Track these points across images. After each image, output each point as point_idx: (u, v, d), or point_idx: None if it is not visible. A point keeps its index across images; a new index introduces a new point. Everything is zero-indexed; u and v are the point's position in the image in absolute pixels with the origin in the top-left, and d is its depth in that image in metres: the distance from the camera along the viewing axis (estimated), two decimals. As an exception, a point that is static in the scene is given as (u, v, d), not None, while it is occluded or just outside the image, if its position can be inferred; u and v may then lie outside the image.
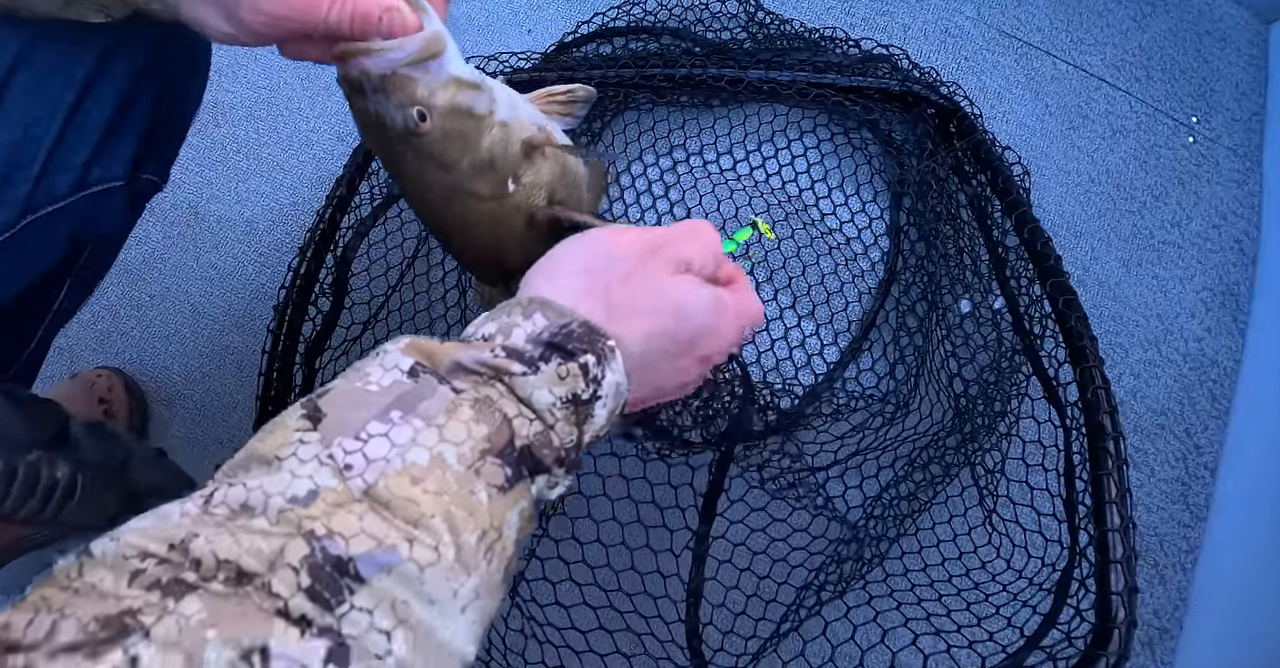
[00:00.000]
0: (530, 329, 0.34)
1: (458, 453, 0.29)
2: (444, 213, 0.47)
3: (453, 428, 0.30)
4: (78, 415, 0.83)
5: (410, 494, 0.28)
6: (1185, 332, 0.90)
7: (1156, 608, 0.82)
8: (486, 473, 0.30)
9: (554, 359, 0.34)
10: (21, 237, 0.44)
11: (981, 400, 0.79)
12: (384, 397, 0.30)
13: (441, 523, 0.28)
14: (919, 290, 0.87)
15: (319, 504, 0.26)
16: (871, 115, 0.90)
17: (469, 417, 0.30)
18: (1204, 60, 0.98)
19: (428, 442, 0.29)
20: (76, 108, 0.45)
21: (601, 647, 0.75)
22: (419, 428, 0.29)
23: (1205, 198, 0.94)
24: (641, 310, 0.38)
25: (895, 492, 0.81)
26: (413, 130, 0.41)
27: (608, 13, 0.97)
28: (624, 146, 0.95)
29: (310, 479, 0.27)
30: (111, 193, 0.49)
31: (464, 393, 0.31)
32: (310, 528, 0.26)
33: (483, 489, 0.29)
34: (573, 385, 0.34)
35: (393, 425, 0.29)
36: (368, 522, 0.26)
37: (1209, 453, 0.86)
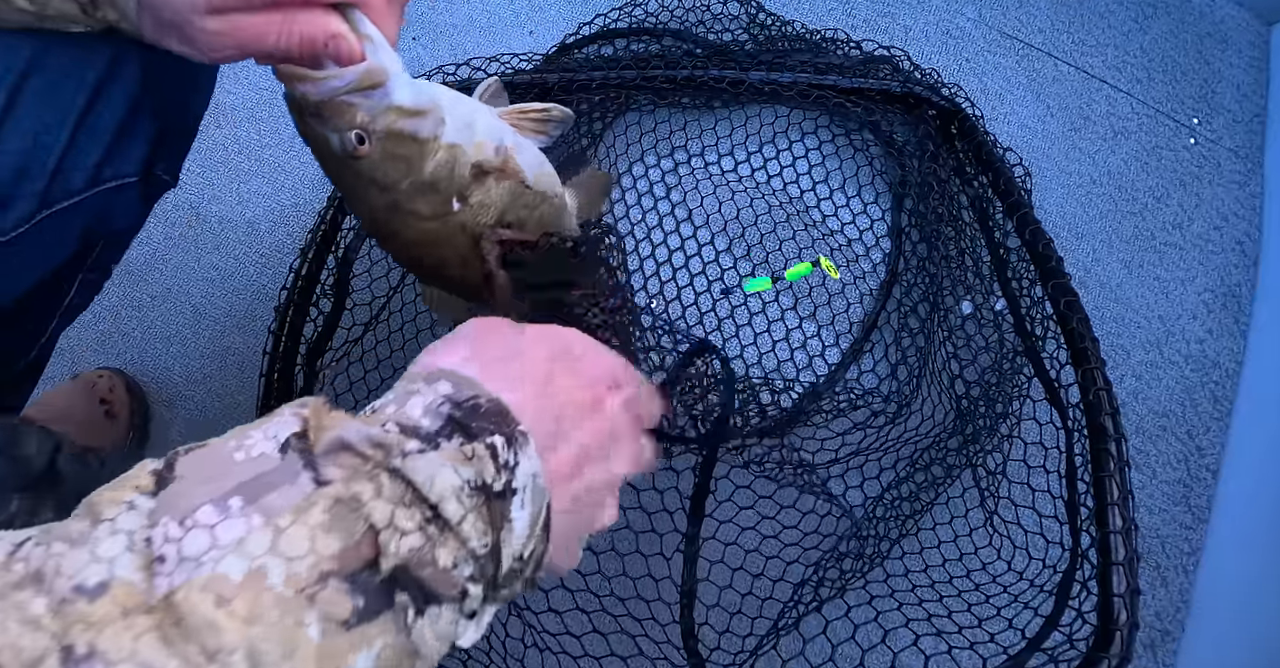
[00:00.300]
0: (430, 398, 0.29)
1: (288, 571, 0.23)
2: (384, 229, 0.48)
3: (292, 536, 0.23)
4: (77, 422, 0.83)
5: (211, 617, 0.21)
6: (1187, 333, 0.90)
7: (1158, 610, 0.81)
8: (325, 601, 0.23)
9: (455, 437, 0.28)
10: (36, 232, 0.44)
11: (983, 402, 0.79)
12: (239, 474, 0.25)
13: (242, 661, 0.21)
14: (920, 292, 0.87)
15: (104, 603, 0.21)
16: (873, 117, 0.90)
17: (319, 523, 0.24)
18: (1205, 62, 0.98)
19: (254, 550, 0.23)
20: (88, 111, 0.45)
21: (597, 650, 0.75)
22: (253, 527, 0.23)
23: (1207, 199, 0.94)
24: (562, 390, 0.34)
25: (897, 493, 0.81)
26: (351, 153, 0.42)
27: (609, 14, 0.97)
28: (625, 148, 0.95)
29: (108, 566, 0.22)
30: (126, 188, 0.49)
31: (328, 486, 0.25)
32: (72, 641, 0.20)
33: (315, 623, 0.23)
34: (480, 470, 0.28)
35: (226, 516, 0.23)
36: (144, 645, 0.21)
37: (1211, 455, 0.86)
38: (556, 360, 0.35)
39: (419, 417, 0.28)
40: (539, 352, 0.35)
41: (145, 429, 0.90)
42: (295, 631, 0.22)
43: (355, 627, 0.24)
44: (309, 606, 0.23)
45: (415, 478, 0.26)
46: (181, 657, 0.21)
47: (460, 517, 0.26)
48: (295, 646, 0.22)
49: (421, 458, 0.27)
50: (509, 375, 0.33)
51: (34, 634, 0.20)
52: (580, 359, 0.36)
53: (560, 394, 0.34)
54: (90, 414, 0.86)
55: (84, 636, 0.21)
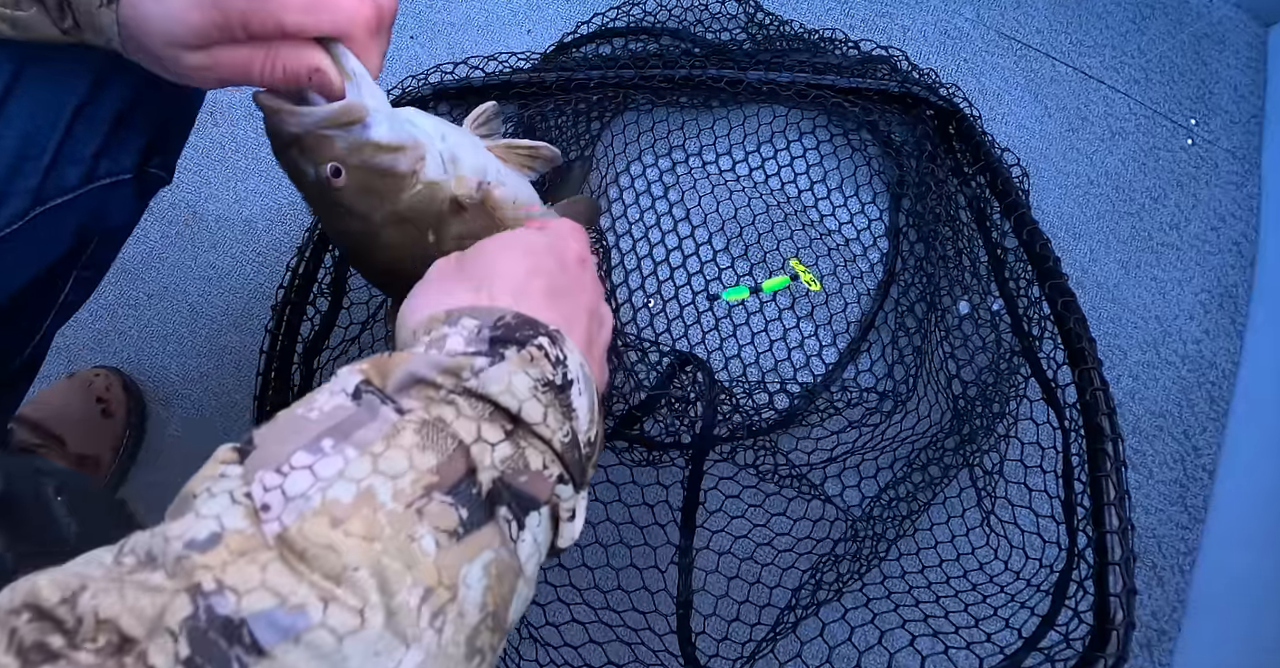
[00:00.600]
0: (465, 332, 0.30)
1: (394, 488, 0.24)
2: (359, 256, 0.49)
3: (390, 457, 0.24)
4: (73, 421, 0.83)
5: (329, 539, 0.22)
6: (1184, 334, 0.90)
7: (1154, 610, 0.82)
8: (433, 515, 0.24)
9: (511, 347, 0.29)
10: (30, 228, 0.44)
11: (980, 402, 0.79)
12: (321, 423, 0.25)
13: (369, 578, 0.22)
14: (918, 292, 0.87)
15: (219, 551, 0.21)
16: (871, 116, 0.90)
17: (412, 443, 0.25)
18: (1203, 62, 0.99)
19: (357, 474, 0.24)
20: (87, 101, 0.45)
21: (594, 660, 0.75)
22: (350, 458, 0.24)
23: (1204, 200, 0.94)
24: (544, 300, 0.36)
25: (894, 493, 0.81)
26: (325, 184, 0.43)
27: (607, 13, 0.97)
28: (623, 147, 0.95)
29: (216, 520, 0.22)
30: (120, 185, 0.49)
31: (410, 413, 0.26)
32: (198, 581, 0.20)
33: (428, 534, 0.23)
34: (542, 369, 0.29)
35: (321, 456, 0.24)
36: (272, 573, 0.21)
37: (1207, 455, 0.86)
38: (527, 260, 0.38)
39: (464, 347, 0.29)
40: (510, 262, 0.37)
41: (142, 428, 0.90)
42: (410, 545, 0.23)
43: (464, 538, 0.24)
44: (419, 519, 0.23)
45: (492, 390, 0.27)
46: (309, 582, 0.21)
47: (541, 415, 0.28)
48: (414, 558, 0.23)
49: (492, 370, 0.28)
50: (507, 290, 0.35)
51: (153, 595, 0.20)
52: (541, 250, 0.39)
53: (548, 284, 0.36)
54: (86, 413, 0.85)
55: (208, 575, 0.21)
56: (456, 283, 0.36)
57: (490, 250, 0.39)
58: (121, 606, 0.20)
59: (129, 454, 0.88)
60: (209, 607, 0.20)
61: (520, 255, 0.38)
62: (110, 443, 0.86)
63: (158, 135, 0.50)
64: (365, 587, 0.22)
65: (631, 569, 0.77)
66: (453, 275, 0.38)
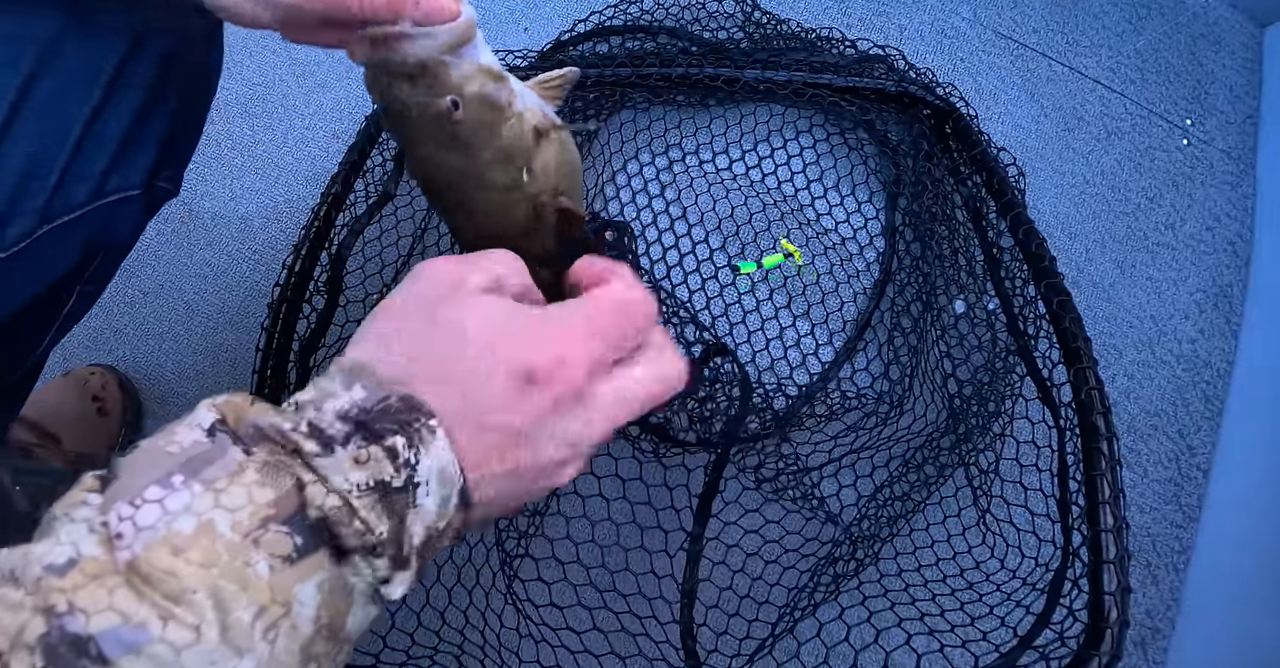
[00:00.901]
0: (344, 403, 0.31)
1: (232, 520, 0.26)
2: (461, 200, 0.46)
3: (232, 493, 0.27)
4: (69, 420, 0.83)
5: (170, 566, 0.24)
6: (1179, 333, 0.90)
7: (1149, 608, 0.82)
8: (268, 542, 0.26)
9: (353, 441, 0.29)
10: (36, 246, 0.43)
11: (976, 401, 0.79)
12: (176, 459, 0.27)
13: (205, 599, 0.24)
14: (914, 291, 0.87)
15: (73, 575, 0.24)
16: (867, 116, 0.90)
17: (252, 480, 0.27)
18: (1198, 63, 0.99)
19: (200, 508, 0.26)
20: (95, 118, 0.44)
21: (597, 648, 0.75)
22: (196, 493, 0.26)
23: (1199, 200, 0.94)
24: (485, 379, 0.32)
25: (890, 492, 0.81)
26: (447, 119, 0.40)
27: (604, 11, 0.97)
28: (620, 146, 0.95)
29: (73, 546, 0.25)
30: (128, 201, 0.48)
31: (255, 455, 0.28)
32: (52, 603, 0.23)
33: (262, 560, 0.26)
34: (375, 471, 0.29)
35: (170, 491, 0.26)
36: (119, 597, 0.24)
37: (1202, 454, 0.87)
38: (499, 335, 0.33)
39: (330, 421, 0.30)
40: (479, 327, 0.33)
41: (138, 426, 0.90)
42: (245, 569, 0.25)
43: (298, 561, 0.27)
44: (255, 547, 0.26)
45: (319, 474, 0.29)
46: (151, 603, 0.24)
47: (360, 509, 0.29)
48: (248, 581, 0.25)
49: (319, 461, 0.29)
50: (436, 370, 0.32)
51: (14, 613, 0.23)
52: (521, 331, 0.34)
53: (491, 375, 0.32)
54: (82, 412, 0.85)
55: (61, 598, 0.23)
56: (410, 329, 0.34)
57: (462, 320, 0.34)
58: None
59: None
60: (61, 626, 0.23)
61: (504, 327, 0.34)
62: (106, 441, 0.86)
63: (166, 149, 0.50)
64: (202, 606, 0.24)
65: (641, 551, 0.78)
66: (417, 315, 0.34)
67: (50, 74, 0.42)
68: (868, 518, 0.80)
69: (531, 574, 0.79)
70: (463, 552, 0.80)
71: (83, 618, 0.23)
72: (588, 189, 0.93)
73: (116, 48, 0.44)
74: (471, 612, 0.75)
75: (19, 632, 0.22)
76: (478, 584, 0.77)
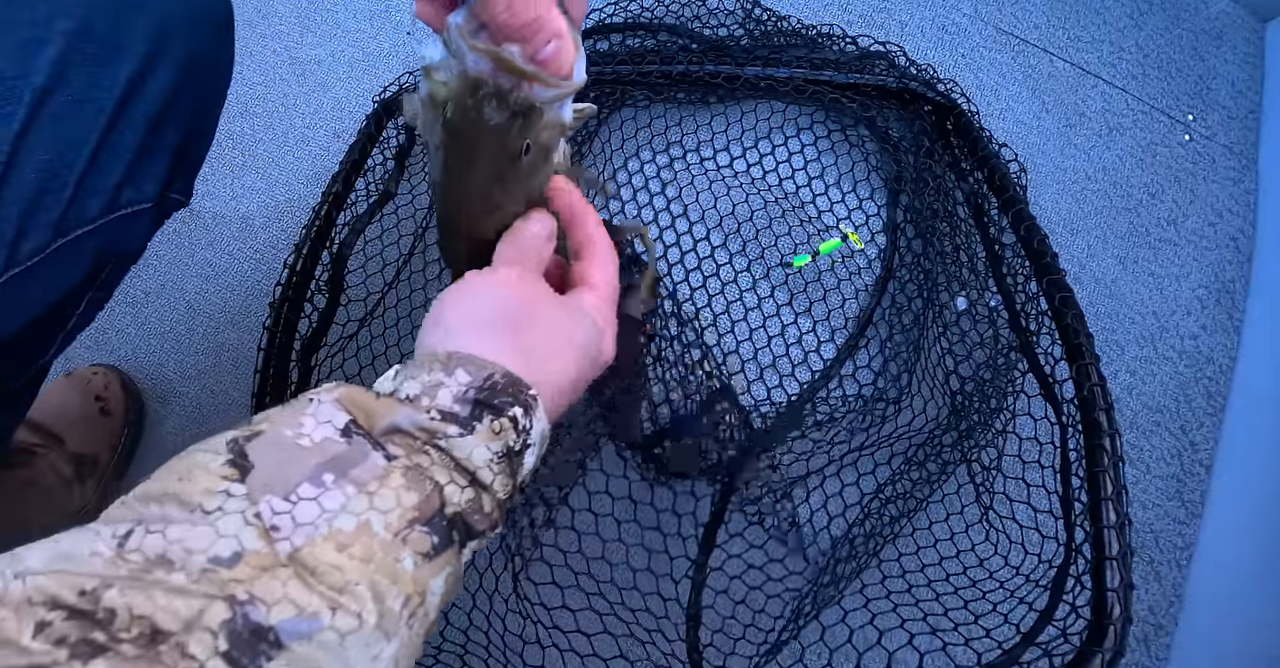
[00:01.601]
0: (456, 388, 0.35)
1: (385, 521, 0.30)
2: (472, 222, 0.47)
3: (383, 496, 0.30)
4: (72, 420, 0.83)
5: (336, 561, 0.28)
6: (1181, 329, 0.90)
7: (1152, 604, 0.82)
8: (413, 542, 0.30)
9: (485, 417, 0.35)
10: (51, 259, 0.43)
11: (978, 397, 0.79)
12: (316, 455, 0.30)
13: (366, 590, 0.28)
14: (915, 287, 0.87)
15: (243, 567, 0.26)
16: (868, 112, 0.90)
17: (399, 484, 0.31)
18: (1200, 58, 0.99)
19: (357, 509, 0.29)
20: (110, 129, 0.44)
21: (605, 651, 0.76)
22: (350, 495, 0.29)
23: (1201, 195, 0.94)
24: (549, 352, 0.41)
25: (892, 490, 0.81)
26: (511, 156, 0.41)
27: (604, 9, 0.97)
28: (620, 143, 0.95)
29: (236, 539, 0.27)
30: (140, 214, 0.48)
31: (397, 460, 0.31)
32: (233, 592, 0.25)
33: (408, 557, 0.30)
34: (505, 440, 0.35)
35: (324, 490, 0.29)
36: (291, 588, 0.26)
37: (1204, 450, 0.86)
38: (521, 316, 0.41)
39: (451, 404, 0.35)
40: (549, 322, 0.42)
41: (140, 425, 0.90)
42: (395, 565, 0.29)
43: (434, 559, 0.31)
44: (403, 546, 0.30)
45: (456, 454, 0.34)
46: (319, 594, 0.27)
47: (491, 479, 0.34)
48: (397, 575, 0.29)
49: (460, 440, 0.34)
50: (504, 345, 0.39)
51: (184, 598, 0.25)
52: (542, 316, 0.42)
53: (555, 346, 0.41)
54: (85, 411, 0.85)
55: (240, 588, 0.26)
56: (490, 326, 0.40)
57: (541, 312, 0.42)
58: (153, 605, 0.24)
59: (127, 452, 0.88)
60: (245, 614, 0.25)
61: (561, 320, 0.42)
62: (109, 441, 0.86)
63: (178, 159, 0.50)
64: (363, 597, 0.28)
65: (647, 573, 0.79)
66: (490, 311, 0.41)
67: (66, 85, 0.42)
68: (870, 516, 0.80)
69: (545, 578, 0.79)
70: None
71: (263, 608, 0.25)
72: (588, 188, 0.93)
73: (132, 58, 0.44)
74: (475, 614, 0.75)
75: (197, 615, 0.24)
76: (480, 587, 0.78)
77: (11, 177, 0.40)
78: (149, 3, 0.45)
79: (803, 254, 0.90)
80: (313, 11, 1.04)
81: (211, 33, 0.49)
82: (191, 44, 0.47)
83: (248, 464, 0.29)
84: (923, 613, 0.70)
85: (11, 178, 0.40)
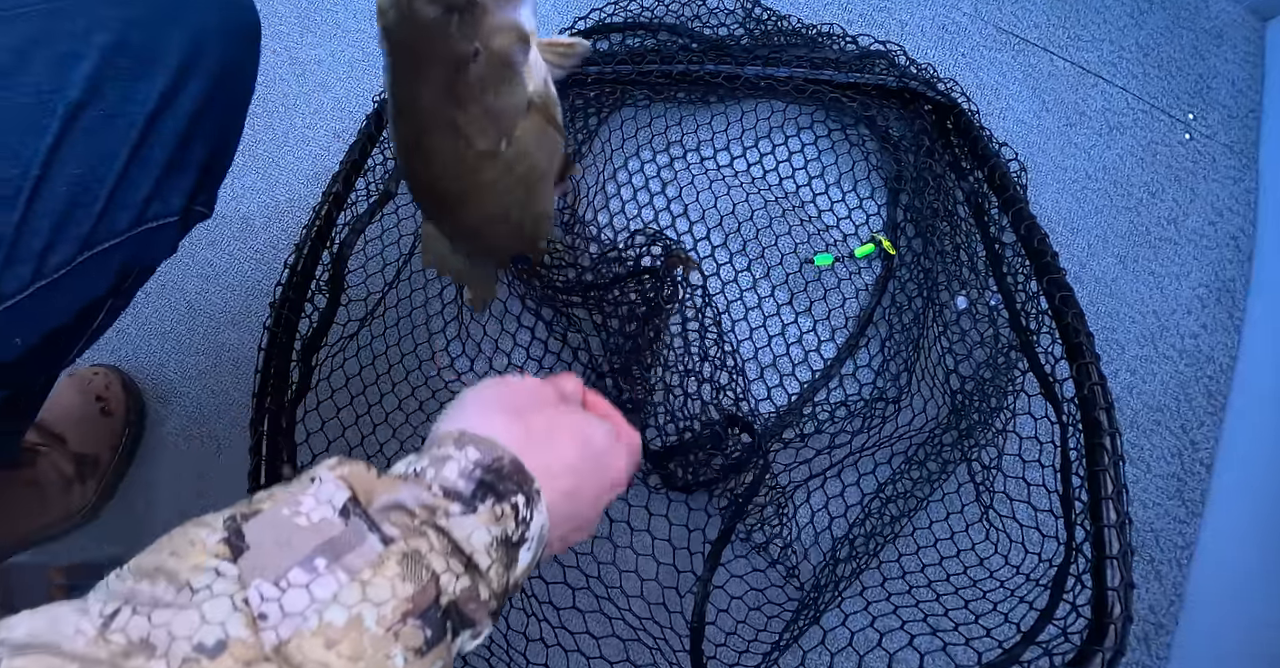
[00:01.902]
0: (463, 463, 0.35)
1: (378, 614, 0.28)
2: (430, 146, 0.45)
3: (377, 585, 0.29)
4: (73, 420, 0.83)
5: (323, 659, 0.26)
6: (1181, 328, 0.90)
7: (1152, 603, 0.82)
8: (405, 636, 0.29)
9: (489, 499, 0.34)
10: (77, 271, 0.43)
11: (978, 396, 0.79)
12: (311, 537, 0.29)
13: None
14: (915, 286, 0.87)
15: (226, 658, 0.25)
16: (869, 111, 0.90)
17: (395, 574, 0.29)
18: (1201, 57, 0.98)
19: (349, 600, 0.28)
20: (141, 144, 0.44)
21: (612, 654, 0.76)
22: (343, 583, 0.28)
23: (1201, 194, 0.94)
24: (559, 444, 0.40)
25: (892, 489, 0.81)
26: (461, 63, 0.39)
27: (605, 8, 0.97)
28: (620, 143, 0.95)
29: (221, 627, 0.26)
30: (166, 227, 0.48)
31: (393, 544, 0.30)
32: None
33: (399, 653, 0.28)
34: (505, 527, 0.34)
35: (316, 576, 0.28)
36: None
37: (1205, 449, 0.86)
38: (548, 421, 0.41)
39: (455, 479, 0.34)
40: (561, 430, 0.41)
41: (141, 425, 0.90)
42: (386, 661, 0.28)
43: (426, 654, 0.29)
44: (394, 641, 0.28)
45: (456, 535, 0.32)
46: None
47: (488, 566, 0.33)
48: None
49: (462, 519, 0.33)
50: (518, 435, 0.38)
51: None
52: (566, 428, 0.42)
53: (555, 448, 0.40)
54: (86, 412, 0.85)
55: None
56: (503, 412, 0.40)
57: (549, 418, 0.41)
58: None
59: (128, 452, 0.88)
60: None
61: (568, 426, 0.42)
62: (110, 441, 0.86)
63: (205, 173, 0.50)
64: None
65: (654, 583, 0.80)
66: (501, 399, 0.41)
67: (100, 100, 0.42)
68: (870, 516, 0.80)
69: (557, 577, 0.79)
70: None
71: None
72: (588, 187, 0.93)
73: (165, 72, 0.44)
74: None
75: None
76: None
77: (43, 190, 0.40)
78: (185, 17, 0.45)
79: (828, 255, 0.91)
80: (313, 11, 1.04)
81: (243, 46, 0.49)
82: (223, 58, 0.47)
83: (243, 544, 0.28)
84: (923, 614, 0.70)
85: (43, 191, 0.40)
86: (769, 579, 0.80)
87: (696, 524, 0.82)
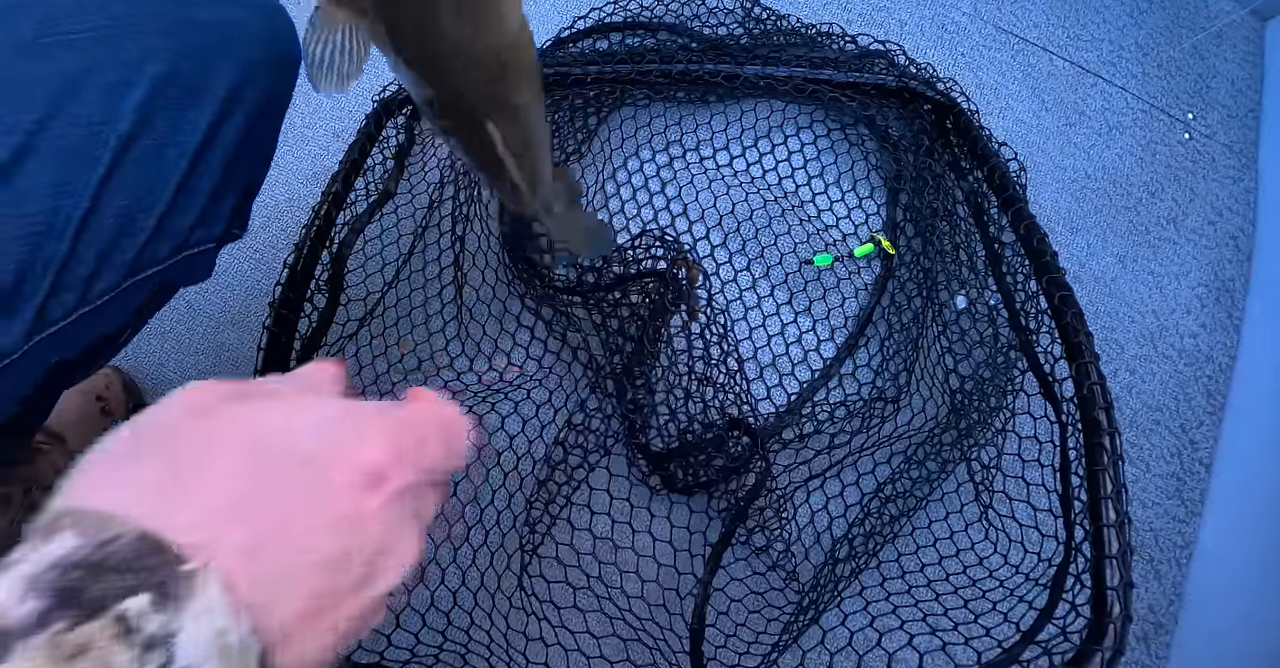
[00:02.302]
0: (35, 566, 0.20)
1: None
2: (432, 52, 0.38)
3: None
4: (73, 420, 0.83)
5: None
6: (1181, 327, 0.90)
7: (1151, 603, 0.82)
8: None
9: (53, 624, 0.19)
10: (119, 297, 0.44)
11: (977, 396, 0.79)
12: None
13: None
14: (915, 286, 0.87)
15: None
16: (868, 111, 0.90)
17: None
18: (1200, 57, 0.98)
19: None
20: (190, 173, 0.44)
21: (613, 654, 0.76)
22: None
23: (1201, 194, 0.94)
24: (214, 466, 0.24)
25: (891, 489, 0.81)
26: None
27: (604, 8, 0.97)
28: (620, 143, 0.95)
29: None
30: (207, 252, 0.49)
31: None
32: None
33: None
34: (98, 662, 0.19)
35: None
36: None
37: (1204, 448, 0.86)
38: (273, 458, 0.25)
39: (18, 593, 0.20)
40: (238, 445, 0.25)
41: (140, 425, 0.90)
42: None
43: None
44: None
45: None
46: None
47: None
48: None
49: None
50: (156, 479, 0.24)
51: None
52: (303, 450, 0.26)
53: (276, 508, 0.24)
54: (86, 412, 0.85)
55: None
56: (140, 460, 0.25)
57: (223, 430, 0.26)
58: None
59: (127, 452, 0.88)
60: None
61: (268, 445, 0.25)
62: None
63: (245, 198, 0.50)
64: None
65: (654, 585, 0.80)
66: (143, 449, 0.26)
67: (149, 132, 0.42)
68: (870, 515, 0.80)
69: (558, 575, 0.79)
70: (467, 552, 0.80)
71: None
72: (588, 186, 0.93)
73: (212, 101, 0.44)
74: (478, 613, 0.76)
75: None
76: (482, 586, 0.78)
77: (93, 221, 0.40)
78: (234, 48, 0.45)
79: (827, 255, 0.91)
80: (312, 11, 1.04)
81: (285, 78, 0.50)
82: (268, 89, 0.48)
83: None
84: (922, 613, 0.70)
85: (92, 222, 0.40)
86: (769, 583, 0.80)
87: (697, 527, 0.82)
